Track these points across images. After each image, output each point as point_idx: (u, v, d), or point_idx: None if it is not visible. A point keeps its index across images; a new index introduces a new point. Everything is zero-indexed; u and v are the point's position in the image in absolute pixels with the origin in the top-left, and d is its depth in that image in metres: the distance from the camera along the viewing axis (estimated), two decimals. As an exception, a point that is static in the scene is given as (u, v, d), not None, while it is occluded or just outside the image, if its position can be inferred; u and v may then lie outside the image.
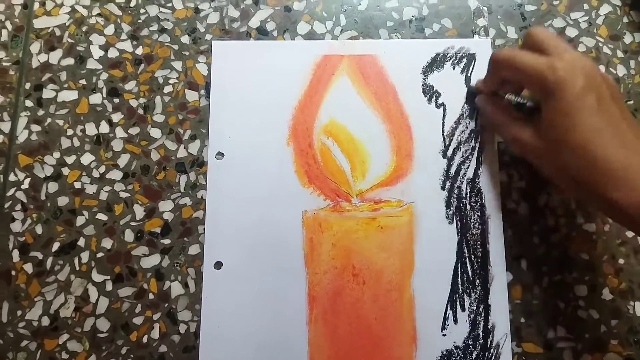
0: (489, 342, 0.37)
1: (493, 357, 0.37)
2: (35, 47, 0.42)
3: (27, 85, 0.42)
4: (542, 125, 0.32)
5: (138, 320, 0.38)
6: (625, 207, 0.28)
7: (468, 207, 0.39)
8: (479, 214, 0.39)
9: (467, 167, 0.40)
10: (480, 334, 0.37)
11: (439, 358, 0.37)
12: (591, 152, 0.29)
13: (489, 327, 0.37)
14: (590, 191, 0.30)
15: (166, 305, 0.38)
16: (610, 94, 0.30)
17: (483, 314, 0.37)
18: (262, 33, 0.43)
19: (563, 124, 0.30)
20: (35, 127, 0.41)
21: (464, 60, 0.42)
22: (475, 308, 0.37)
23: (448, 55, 0.42)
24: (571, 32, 0.43)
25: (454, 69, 0.42)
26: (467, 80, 0.41)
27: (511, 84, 0.36)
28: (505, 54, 0.34)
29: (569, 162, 0.30)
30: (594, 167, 0.29)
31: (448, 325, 0.37)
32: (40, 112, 0.41)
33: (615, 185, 0.29)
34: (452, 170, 0.40)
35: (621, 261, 0.39)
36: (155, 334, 0.37)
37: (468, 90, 0.41)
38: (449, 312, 0.37)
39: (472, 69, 0.41)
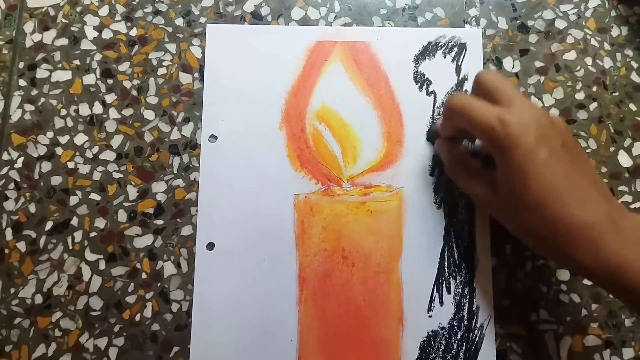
0: (473, 323, 0.38)
1: (477, 338, 0.38)
2: (28, 26, 0.42)
3: (21, 65, 0.41)
4: (497, 182, 0.31)
5: (131, 299, 0.38)
6: (590, 268, 0.28)
7: (456, 193, 0.40)
8: (466, 199, 0.40)
9: (456, 154, 0.40)
10: (465, 315, 0.38)
11: (425, 338, 0.38)
12: (549, 212, 0.28)
13: (474, 309, 0.38)
14: (553, 250, 0.29)
15: (159, 284, 0.38)
16: (562, 141, 0.29)
17: (468, 297, 0.38)
18: (256, 17, 0.43)
19: (517, 183, 0.29)
20: (29, 107, 0.41)
21: (455, 49, 0.42)
22: (460, 291, 0.38)
23: (440, 44, 0.42)
24: (560, 24, 0.44)
25: (445, 57, 0.42)
26: (458, 69, 0.42)
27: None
28: (457, 102, 0.32)
29: (528, 222, 0.29)
30: (553, 227, 0.28)
31: (434, 307, 0.38)
32: (34, 92, 0.41)
33: (577, 246, 0.28)
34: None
35: (602, 247, 0.40)
36: (147, 312, 0.38)
37: (429, 129, 0.40)
38: (435, 294, 0.38)
39: (463, 58, 0.42)
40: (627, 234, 0.28)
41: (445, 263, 0.39)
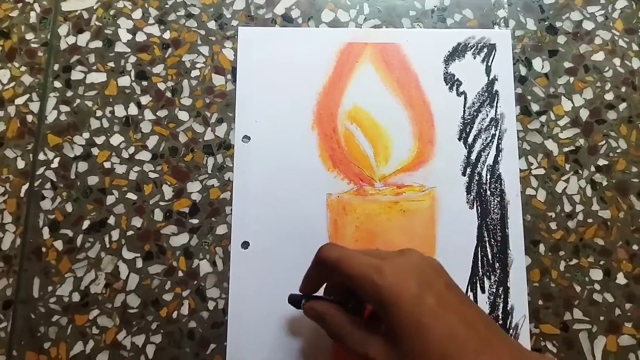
0: (508, 323, 0.38)
1: (512, 338, 0.38)
2: (63, 29, 0.43)
3: (56, 67, 0.42)
4: (388, 338, 0.27)
5: (168, 297, 0.38)
6: None
7: (488, 192, 0.40)
8: (498, 199, 0.40)
9: (487, 154, 0.40)
10: (500, 315, 0.38)
11: (459, 337, 0.38)
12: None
13: (508, 308, 0.38)
14: None
15: (195, 282, 0.39)
16: (445, 283, 0.28)
17: (502, 296, 0.38)
18: (287, 20, 0.43)
19: (411, 337, 0.26)
20: (64, 108, 0.41)
21: (485, 50, 0.42)
22: (494, 290, 0.38)
23: (469, 45, 0.42)
24: (588, 25, 0.44)
25: (474, 58, 0.42)
26: (488, 69, 0.42)
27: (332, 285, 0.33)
28: (331, 255, 0.29)
29: None
30: None
31: (468, 305, 0.38)
32: (69, 93, 0.41)
33: None
34: (473, 156, 0.40)
35: (635, 247, 0.40)
36: (184, 310, 0.38)
37: (289, 299, 0.34)
38: (469, 293, 0.38)
39: (493, 58, 0.42)
40: None
41: (479, 262, 0.39)
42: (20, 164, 0.40)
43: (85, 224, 0.39)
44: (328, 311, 0.31)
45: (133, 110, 0.41)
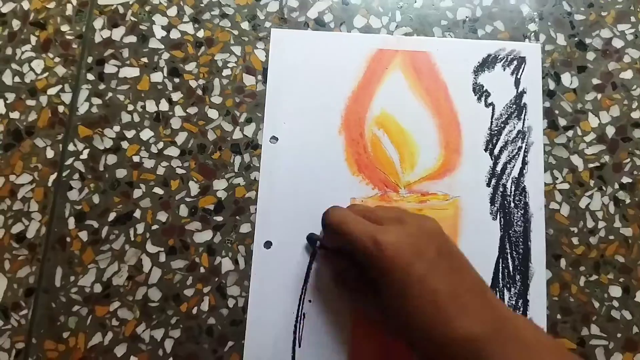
0: (526, 335, 0.38)
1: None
2: (98, 22, 0.43)
3: (90, 59, 0.42)
4: (383, 302, 0.29)
5: (189, 292, 0.38)
6: None
7: (512, 204, 0.40)
8: (522, 212, 0.40)
9: (513, 166, 0.40)
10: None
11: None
12: (433, 332, 0.27)
13: (527, 320, 0.38)
14: None
15: (216, 279, 0.39)
16: (437, 250, 0.29)
17: (522, 309, 0.38)
18: (319, 24, 0.43)
19: (398, 304, 0.28)
20: (96, 101, 0.41)
21: (515, 62, 0.42)
22: (514, 302, 0.38)
23: (499, 57, 0.42)
24: (617, 43, 0.44)
25: (504, 70, 0.42)
26: (517, 82, 0.42)
27: None
28: (335, 219, 0.32)
29: (417, 343, 0.28)
30: (439, 345, 0.27)
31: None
32: (102, 86, 0.42)
33: (464, 358, 0.26)
34: (498, 168, 0.40)
35: (656, 266, 0.39)
36: (204, 306, 0.38)
37: (307, 237, 0.38)
38: (490, 304, 0.38)
39: (522, 71, 0.42)
40: (513, 343, 0.26)
41: (500, 274, 0.38)
42: (50, 153, 0.41)
43: (111, 216, 0.39)
44: (336, 264, 0.35)
45: (164, 106, 0.41)
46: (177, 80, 0.42)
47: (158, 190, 0.40)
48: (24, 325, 0.38)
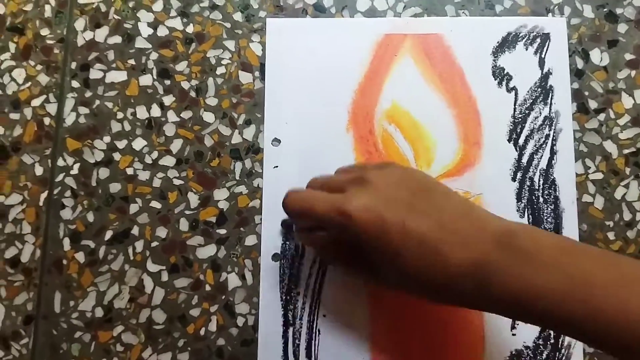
0: (560, 342, 0.34)
1: (564, 358, 0.34)
2: (79, 24, 0.39)
3: (73, 65, 0.38)
4: (373, 265, 0.28)
5: (195, 312, 0.35)
6: (485, 305, 0.25)
7: (541, 199, 0.36)
8: (552, 207, 0.35)
9: (541, 157, 0.36)
10: (552, 333, 0.34)
11: (508, 358, 0.34)
12: (434, 277, 0.25)
13: (563, 326, 0.34)
14: (449, 302, 0.26)
15: (223, 297, 0.35)
16: (412, 191, 0.27)
17: (556, 313, 0.34)
18: (319, 10, 0.39)
19: (386, 264, 0.26)
20: (83, 110, 0.38)
21: (538, 40, 0.37)
22: (548, 307, 0.34)
23: (520, 35, 0.38)
24: (653, 11, 0.38)
25: (526, 49, 0.37)
26: (541, 62, 0.37)
27: None
28: (293, 206, 0.29)
29: (416, 292, 0.27)
30: (443, 284, 0.25)
31: (518, 324, 0.34)
32: (88, 94, 0.38)
33: (468, 290, 0.24)
34: (524, 159, 0.36)
35: None
36: (212, 326, 0.35)
37: (282, 223, 0.36)
38: (521, 310, 0.34)
39: (547, 50, 0.37)
40: (510, 256, 0.24)
41: (531, 276, 0.35)
42: (39, 170, 0.37)
43: (108, 234, 0.36)
44: (315, 240, 0.31)
45: (156, 111, 0.38)
46: (167, 82, 0.38)
47: (155, 204, 0.36)
48: (26, 355, 0.35)
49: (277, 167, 0.36)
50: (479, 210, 0.26)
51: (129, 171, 0.37)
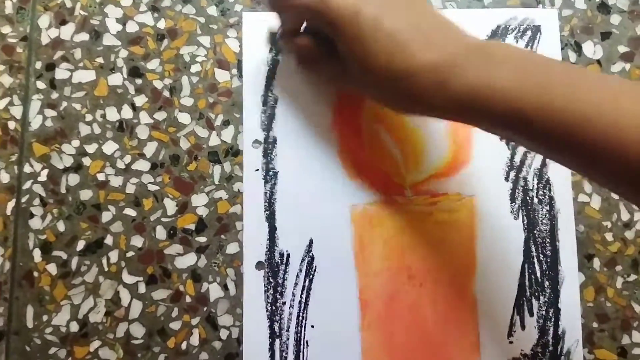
0: (559, 349, 0.32)
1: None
2: (44, 20, 0.36)
3: (38, 65, 0.35)
4: (343, 60, 0.27)
5: (175, 325, 0.33)
6: (442, 106, 0.24)
7: (535, 200, 0.33)
8: (547, 208, 0.33)
9: (534, 156, 0.34)
10: (550, 340, 0.32)
11: (504, 366, 0.32)
12: (391, 66, 0.25)
13: (559, 333, 0.32)
14: (409, 102, 0.26)
15: (205, 309, 0.33)
16: None
17: (553, 319, 0.32)
18: (300, 2, 0.35)
19: (355, 51, 0.26)
20: (50, 112, 0.35)
21: (528, 33, 0.35)
22: (544, 313, 0.32)
23: (510, 27, 0.35)
24: (650, -1, 0.36)
25: (517, 42, 0.35)
26: (535, 55, 0.34)
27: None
28: None
29: (379, 84, 0.26)
30: (401, 80, 0.25)
31: (515, 331, 0.32)
32: (55, 95, 0.35)
33: (427, 90, 0.24)
34: (517, 158, 0.34)
35: (703, 259, 0.33)
36: (194, 340, 0.33)
37: (268, 34, 0.34)
38: (516, 317, 0.32)
39: (537, 43, 0.35)
40: (476, 61, 0.24)
41: (526, 281, 0.32)
42: (5, 177, 0.34)
43: (80, 244, 0.33)
44: (296, 41, 0.30)
45: (127, 113, 0.34)
46: (139, 81, 0.35)
47: (130, 212, 0.34)
48: (-3, 374, 0.32)
49: (258, 170, 0.34)
50: (457, 28, 0.26)
51: (100, 177, 0.34)
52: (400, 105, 0.27)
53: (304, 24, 0.31)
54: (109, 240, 0.33)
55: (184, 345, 0.32)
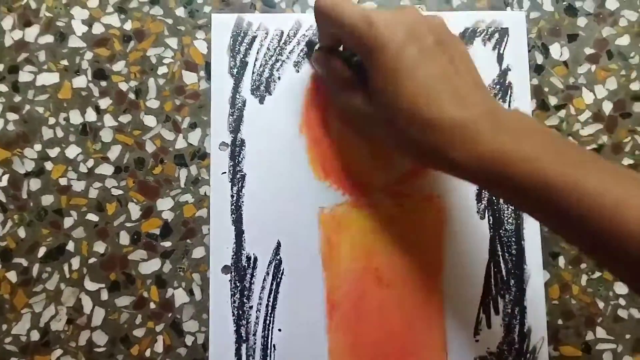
0: (524, 347, 0.32)
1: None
2: (7, 22, 0.34)
3: (0, 67, 0.34)
4: (369, 90, 0.27)
5: (139, 333, 0.32)
6: (468, 166, 0.24)
7: (501, 200, 0.33)
8: (512, 207, 0.33)
9: (500, 156, 0.33)
10: (516, 338, 0.32)
11: (471, 365, 0.31)
12: (421, 112, 0.24)
13: (525, 330, 0.32)
14: (431, 154, 0.25)
15: (170, 315, 0.32)
16: (437, 40, 0.26)
17: (518, 317, 0.32)
18: (268, 5, 0.35)
19: (389, 85, 0.25)
20: (12, 116, 0.33)
21: (496, 35, 0.35)
22: (510, 311, 0.32)
23: (478, 30, 0.35)
24: (612, 5, 0.36)
25: (484, 45, 0.35)
26: (500, 58, 0.35)
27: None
28: (324, 2, 0.27)
29: (403, 127, 0.25)
30: (429, 128, 0.24)
31: (481, 329, 0.32)
32: (17, 99, 0.34)
33: (454, 144, 0.24)
34: (483, 159, 0.33)
35: (665, 256, 0.33)
36: (159, 347, 0.31)
37: (307, 42, 0.34)
38: (482, 315, 0.32)
39: (505, 45, 0.35)
40: (506, 127, 0.24)
41: (492, 280, 0.32)
42: (-37, 182, 0.33)
43: (41, 251, 0.32)
44: (328, 60, 0.30)
45: (91, 116, 0.33)
46: (104, 83, 0.34)
47: (92, 217, 0.32)
48: (-47, 386, 0.31)
49: (225, 173, 0.33)
50: (486, 90, 0.26)
51: (63, 181, 0.33)
52: (422, 159, 0.27)
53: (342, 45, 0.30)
54: (70, 246, 0.32)
55: (148, 353, 0.31)
